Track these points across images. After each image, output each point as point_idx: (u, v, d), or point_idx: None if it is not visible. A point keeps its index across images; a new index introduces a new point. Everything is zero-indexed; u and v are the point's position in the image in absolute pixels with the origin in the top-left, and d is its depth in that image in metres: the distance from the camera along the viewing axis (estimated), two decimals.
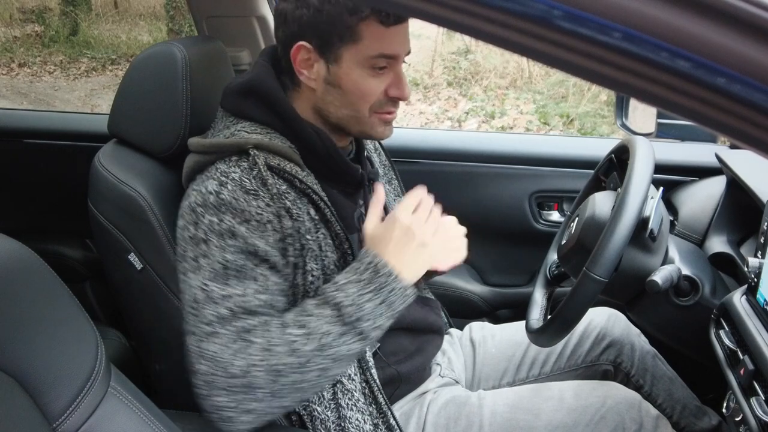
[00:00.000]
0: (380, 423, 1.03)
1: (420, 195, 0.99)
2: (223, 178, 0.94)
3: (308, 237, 0.96)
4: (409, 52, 1.02)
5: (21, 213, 1.82)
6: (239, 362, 0.87)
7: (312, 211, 0.98)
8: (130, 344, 1.55)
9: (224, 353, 0.87)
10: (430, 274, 1.04)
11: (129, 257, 1.11)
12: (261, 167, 0.94)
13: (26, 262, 0.73)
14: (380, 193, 1.02)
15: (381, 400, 1.04)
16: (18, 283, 0.71)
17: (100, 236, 1.16)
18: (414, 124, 4.77)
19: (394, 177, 1.29)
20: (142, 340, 1.23)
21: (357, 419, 1.02)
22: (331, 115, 1.02)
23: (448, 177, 1.68)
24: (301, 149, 1.01)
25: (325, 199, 0.99)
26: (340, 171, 1.06)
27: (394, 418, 1.04)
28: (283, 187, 0.96)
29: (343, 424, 1.01)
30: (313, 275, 0.97)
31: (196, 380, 0.89)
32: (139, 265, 1.11)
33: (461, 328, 1.38)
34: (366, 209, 1.11)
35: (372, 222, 0.99)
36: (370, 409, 1.04)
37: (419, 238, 0.94)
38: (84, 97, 5.93)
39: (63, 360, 0.72)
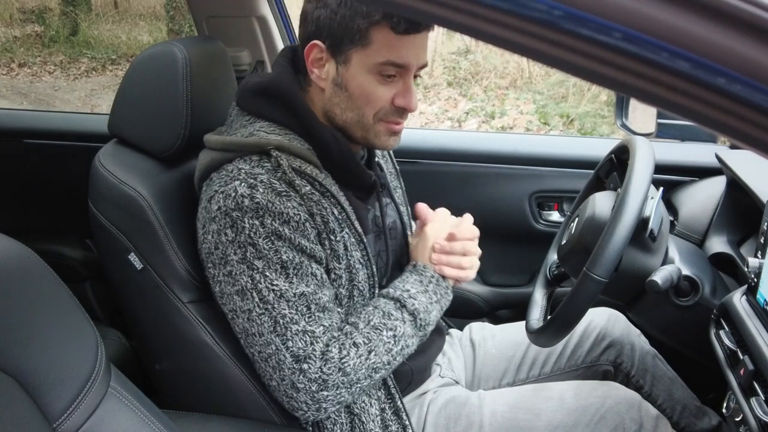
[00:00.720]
0: (387, 408, 1.05)
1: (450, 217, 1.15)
2: (251, 180, 0.94)
3: (332, 237, 0.98)
4: (424, 65, 1.01)
5: (21, 213, 1.82)
6: (350, 361, 0.95)
7: (335, 211, 0.99)
8: (130, 344, 1.55)
9: (330, 353, 0.94)
10: None
11: (129, 257, 1.11)
12: (286, 169, 0.95)
13: (26, 262, 0.73)
14: (422, 213, 1.13)
15: (390, 383, 1.06)
16: (18, 283, 0.71)
17: (101, 236, 1.16)
18: (414, 124, 4.77)
19: (398, 185, 1.28)
20: (142, 340, 1.23)
21: (363, 401, 1.04)
22: (337, 117, 1.03)
23: (448, 177, 1.68)
24: (317, 151, 1.02)
25: (343, 200, 1.00)
26: (353, 175, 1.06)
27: (402, 402, 1.06)
28: (307, 188, 0.97)
29: (349, 406, 1.03)
30: (336, 273, 0.99)
31: (302, 377, 0.94)
32: (139, 265, 1.11)
33: (461, 329, 1.38)
34: (381, 214, 1.11)
35: (414, 238, 1.13)
36: (379, 393, 1.06)
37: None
38: (84, 97, 5.93)
39: (63, 360, 0.72)
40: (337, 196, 0.99)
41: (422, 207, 1.14)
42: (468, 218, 1.16)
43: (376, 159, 1.18)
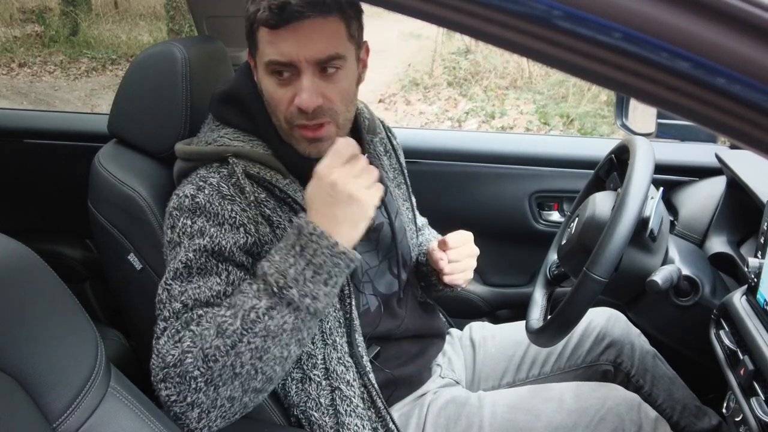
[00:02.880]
0: (379, 427, 1.03)
1: (347, 148, 0.87)
2: (201, 183, 0.95)
3: None
4: (323, 57, 0.92)
5: (21, 213, 1.82)
6: (174, 351, 0.84)
7: (294, 218, 0.97)
8: (130, 344, 1.55)
9: (167, 345, 0.85)
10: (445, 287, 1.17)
11: (129, 257, 1.11)
12: (239, 176, 0.94)
13: (26, 262, 0.73)
14: (340, 143, 0.88)
15: (380, 404, 1.03)
16: (18, 283, 0.71)
17: (100, 236, 1.16)
18: (414, 124, 4.77)
19: (402, 182, 1.27)
20: (142, 340, 1.23)
21: (356, 425, 1.01)
22: (272, 121, 1.02)
23: (448, 177, 1.68)
24: (281, 156, 1.01)
25: (304, 206, 0.97)
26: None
27: (393, 422, 1.04)
28: (262, 196, 0.96)
29: (341, 431, 1.00)
30: None
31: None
32: (138, 265, 1.11)
33: (461, 329, 1.38)
34: None
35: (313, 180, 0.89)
36: (369, 413, 1.03)
37: (347, 192, 0.84)
38: (84, 97, 5.93)
39: (63, 360, 0.72)
40: (299, 202, 0.98)
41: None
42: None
43: (370, 159, 1.16)
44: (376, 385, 1.04)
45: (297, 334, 0.85)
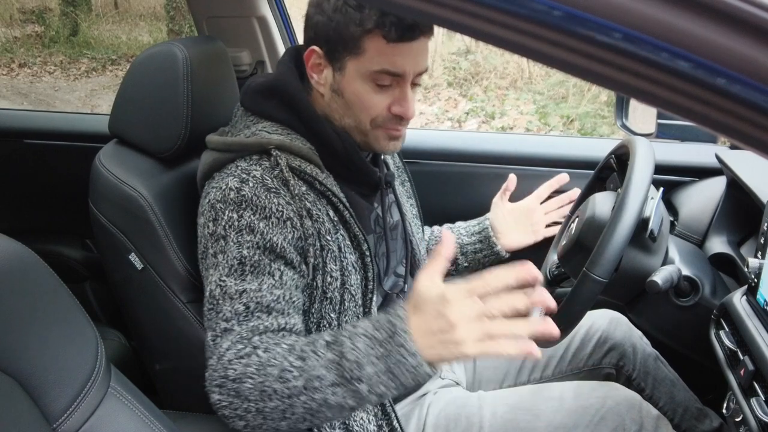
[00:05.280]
0: (384, 425, 1.03)
1: (493, 285, 0.78)
2: (244, 176, 0.95)
3: (328, 238, 0.97)
4: (423, 71, 1.00)
5: (21, 213, 1.82)
6: (237, 366, 0.85)
7: (331, 213, 0.99)
8: (130, 344, 1.55)
9: (229, 352, 0.87)
10: None
11: (129, 257, 1.11)
12: (283, 168, 0.95)
13: (26, 262, 0.73)
14: (448, 239, 0.82)
15: (386, 401, 1.04)
16: (18, 283, 0.71)
17: (101, 236, 1.16)
18: (414, 125, 4.75)
19: (406, 179, 1.30)
20: (142, 340, 1.23)
21: (362, 418, 1.02)
22: (336, 122, 1.03)
23: (448, 177, 1.68)
24: (320, 151, 1.02)
25: (344, 200, 1.00)
26: (358, 172, 1.06)
27: (398, 420, 1.05)
28: (303, 189, 0.97)
29: (347, 422, 1.01)
30: (332, 276, 0.98)
31: (206, 373, 0.89)
32: (139, 265, 1.11)
33: None
34: (383, 212, 1.11)
35: (426, 277, 0.81)
36: (375, 410, 1.04)
37: (455, 334, 0.77)
38: (84, 98, 5.93)
39: (63, 360, 0.72)
40: (338, 195, 0.99)
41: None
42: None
43: (383, 156, 1.18)
44: None
45: (355, 409, 0.85)
